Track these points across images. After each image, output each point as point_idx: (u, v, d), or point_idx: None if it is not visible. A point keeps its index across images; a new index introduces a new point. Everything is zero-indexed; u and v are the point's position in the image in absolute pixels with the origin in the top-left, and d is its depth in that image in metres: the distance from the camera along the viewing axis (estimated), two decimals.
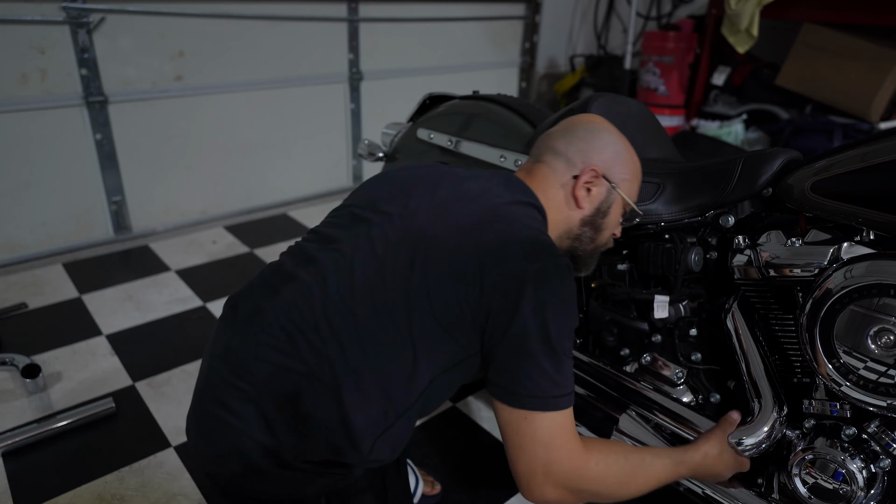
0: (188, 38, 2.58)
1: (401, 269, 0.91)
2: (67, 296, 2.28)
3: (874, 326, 0.93)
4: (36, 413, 1.67)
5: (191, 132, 2.73)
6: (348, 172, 3.42)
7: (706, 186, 1.17)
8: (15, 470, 1.48)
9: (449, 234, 0.93)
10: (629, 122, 1.40)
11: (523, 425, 0.89)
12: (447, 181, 1.04)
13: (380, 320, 0.90)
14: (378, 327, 0.90)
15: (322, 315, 0.90)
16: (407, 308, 0.90)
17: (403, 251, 0.93)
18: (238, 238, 2.84)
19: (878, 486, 0.98)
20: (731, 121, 3.28)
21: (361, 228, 0.98)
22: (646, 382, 1.27)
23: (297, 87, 3.01)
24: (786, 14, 3.03)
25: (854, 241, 1.00)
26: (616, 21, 4.14)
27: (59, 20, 2.24)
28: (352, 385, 0.88)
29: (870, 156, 0.96)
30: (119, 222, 2.65)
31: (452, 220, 0.95)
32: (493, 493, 1.45)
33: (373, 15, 3.12)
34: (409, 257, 0.92)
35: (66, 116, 2.38)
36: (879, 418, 0.99)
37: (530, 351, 0.87)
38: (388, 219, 0.98)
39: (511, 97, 1.69)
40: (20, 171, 2.33)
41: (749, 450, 1.09)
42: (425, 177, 1.06)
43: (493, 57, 3.82)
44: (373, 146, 1.90)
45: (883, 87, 2.80)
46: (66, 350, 1.96)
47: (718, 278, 1.22)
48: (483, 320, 0.89)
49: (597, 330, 1.40)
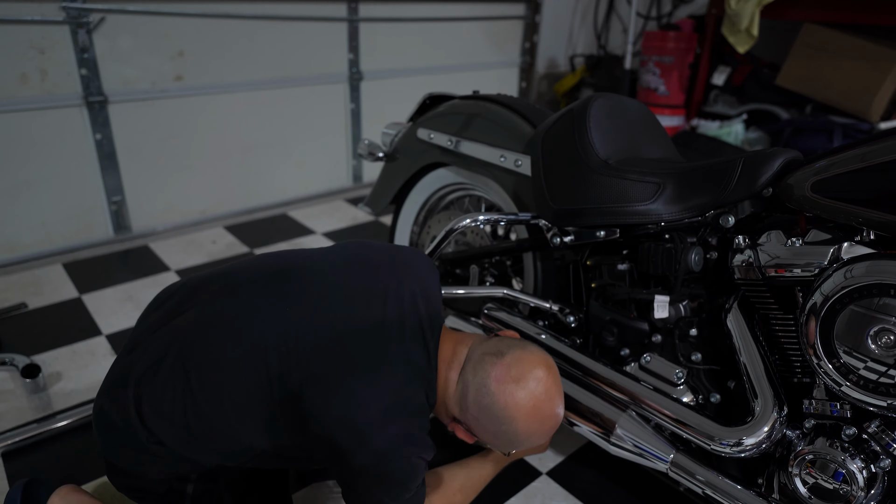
0: (188, 38, 2.58)
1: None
2: (67, 296, 2.28)
3: (874, 326, 0.93)
4: (36, 413, 1.67)
5: (191, 132, 2.73)
6: (348, 172, 3.42)
7: (706, 186, 1.17)
8: (15, 470, 1.48)
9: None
10: (629, 122, 1.41)
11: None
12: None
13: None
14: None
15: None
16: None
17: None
18: (238, 238, 2.84)
19: (879, 486, 0.98)
20: (731, 121, 3.28)
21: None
22: (646, 382, 1.27)
23: (297, 87, 3.01)
24: (786, 14, 3.03)
25: (854, 241, 1.00)
26: (616, 21, 4.14)
27: (59, 20, 2.24)
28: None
29: (870, 156, 0.96)
30: (119, 222, 2.65)
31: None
32: (493, 494, 1.45)
33: (373, 15, 3.12)
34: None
35: (65, 116, 2.38)
36: (880, 418, 0.99)
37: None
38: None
39: (511, 97, 1.69)
40: (20, 170, 2.33)
41: (749, 450, 1.09)
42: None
43: (493, 57, 3.82)
44: (373, 146, 1.90)
45: (883, 87, 2.80)
46: (66, 350, 1.96)
47: (718, 278, 1.22)
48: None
49: (597, 330, 1.40)
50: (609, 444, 1.27)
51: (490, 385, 1.02)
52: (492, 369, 1.02)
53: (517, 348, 1.05)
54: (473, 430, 1.07)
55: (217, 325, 1.03)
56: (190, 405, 1.00)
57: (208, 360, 1.01)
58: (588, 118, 1.33)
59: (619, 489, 1.48)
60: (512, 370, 1.02)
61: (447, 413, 1.11)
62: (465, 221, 1.45)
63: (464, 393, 1.05)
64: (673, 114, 3.51)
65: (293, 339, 1.00)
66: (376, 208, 1.97)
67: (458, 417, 1.09)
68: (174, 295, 1.14)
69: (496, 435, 1.05)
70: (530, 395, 1.01)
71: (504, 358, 1.03)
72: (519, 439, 1.04)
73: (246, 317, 1.03)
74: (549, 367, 1.05)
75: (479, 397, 1.02)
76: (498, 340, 1.09)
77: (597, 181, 1.28)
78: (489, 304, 1.57)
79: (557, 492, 1.46)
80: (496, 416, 1.02)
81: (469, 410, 1.05)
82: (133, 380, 1.03)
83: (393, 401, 0.99)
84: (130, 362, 1.06)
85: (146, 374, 1.03)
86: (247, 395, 0.99)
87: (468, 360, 1.07)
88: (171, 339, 1.05)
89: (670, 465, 1.20)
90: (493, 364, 1.03)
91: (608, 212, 1.27)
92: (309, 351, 0.99)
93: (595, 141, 1.31)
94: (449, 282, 1.81)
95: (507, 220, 1.44)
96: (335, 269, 1.11)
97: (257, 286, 1.08)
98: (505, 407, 1.01)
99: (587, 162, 1.30)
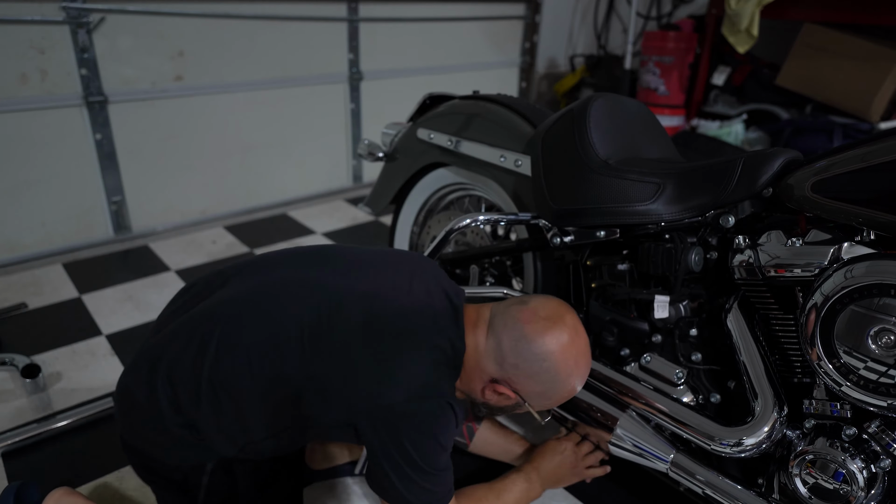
0: (188, 38, 2.58)
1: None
2: (67, 296, 2.28)
3: (874, 326, 0.93)
4: (36, 413, 1.67)
5: (191, 132, 2.73)
6: (348, 172, 3.42)
7: (706, 186, 1.17)
8: (15, 470, 1.48)
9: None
10: (629, 122, 1.41)
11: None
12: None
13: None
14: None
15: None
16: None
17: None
18: (238, 238, 2.84)
19: (879, 486, 0.98)
20: (731, 121, 3.28)
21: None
22: (646, 382, 1.27)
23: (297, 87, 3.01)
24: (786, 14, 3.03)
25: (854, 241, 1.00)
26: (616, 21, 4.14)
27: (59, 20, 2.24)
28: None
29: (870, 156, 0.96)
30: (119, 222, 2.65)
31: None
32: None
33: (373, 15, 3.12)
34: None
35: (66, 116, 2.38)
36: (880, 418, 0.99)
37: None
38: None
39: (511, 97, 1.69)
40: (20, 170, 2.33)
41: (749, 450, 1.09)
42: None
43: (493, 57, 3.82)
44: (373, 146, 1.90)
45: (883, 87, 2.80)
46: (66, 350, 1.96)
47: (718, 278, 1.22)
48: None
49: (597, 330, 1.40)
50: (609, 444, 1.27)
51: (523, 328, 1.05)
52: (520, 314, 1.07)
53: (539, 297, 1.12)
54: (513, 381, 1.07)
55: (250, 309, 1.06)
56: (221, 383, 1.02)
57: (240, 342, 1.03)
58: (588, 118, 1.33)
59: (619, 489, 1.48)
60: (540, 311, 1.06)
61: (481, 377, 1.09)
62: (465, 221, 1.45)
63: (497, 345, 1.06)
64: (673, 114, 3.51)
65: (326, 319, 1.03)
66: (376, 208, 1.97)
67: (495, 376, 1.08)
68: (208, 281, 1.18)
69: (537, 376, 1.05)
70: (563, 329, 1.05)
71: (529, 304, 1.09)
72: (560, 376, 1.06)
73: (281, 296, 1.07)
74: (572, 310, 1.10)
75: (515, 342, 1.05)
76: (516, 297, 1.14)
77: (597, 181, 1.28)
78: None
79: (557, 492, 1.46)
80: (534, 354, 1.04)
81: (506, 359, 1.06)
82: (162, 360, 1.05)
83: (421, 384, 1.00)
84: (157, 344, 1.08)
85: (176, 355, 1.04)
86: (278, 371, 1.01)
87: (493, 316, 1.10)
88: (201, 321, 1.07)
89: (670, 465, 1.20)
90: (520, 311, 1.07)
91: (608, 212, 1.27)
92: (340, 332, 1.02)
93: (595, 141, 1.31)
94: None
95: (507, 220, 1.44)
96: (362, 259, 1.16)
97: (293, 270, 1.12)
98: (543, 343, 1.04)
99: (587, 162, 1.30)
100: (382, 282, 1.09)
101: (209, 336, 1.03)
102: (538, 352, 1.04)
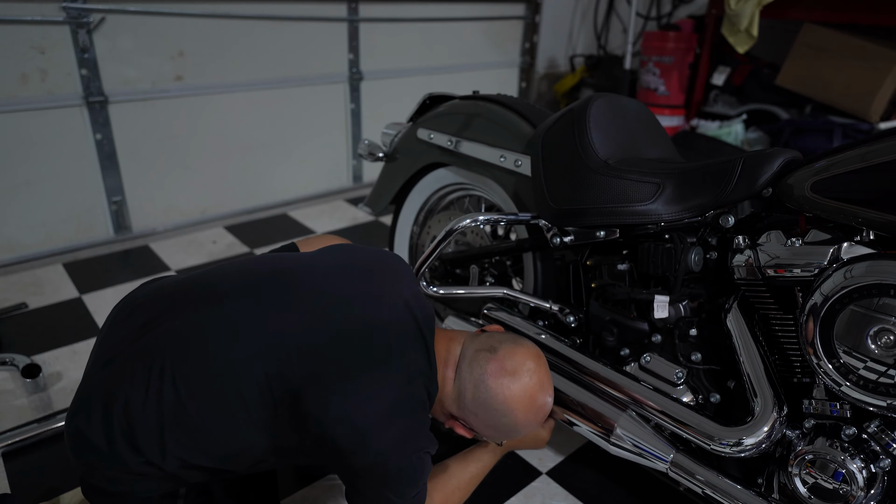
0: (188, 38, 2.58)
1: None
2: (67, 296, 2.28)
3: (874, 326, 0.93)
4: (36, 413, 1.67)
5: (191, 132, 2.73)
6: (348, 172, 3.42)
7: (706, 186, 1.17)
8: (15, 470, 1.48)
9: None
10: (629, 122, 1.41)
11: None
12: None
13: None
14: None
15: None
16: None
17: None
18: (238, 238, 2.84)
19: (878, 486, 0.99)
20: (730, 121, 3.28)
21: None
22: (646, 382, 1.27)
23: (297, 87, 3.01)
24: (786, 14, 3.03)
25: (854, 241, 1.00)
26: (616, 21, 4.14)
27: (59, 20, 2.24)
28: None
29: (870, 156, 0.96)
30: (119, 222, 2.65)
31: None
32: (493, 493, 1.45)
33: (373, 15, 3.12)
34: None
35: (66, 116, 2.38)
36: (879, 418, 0.99)
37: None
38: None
39: (511, 97, 1.69)
40: (20, 170, 2.33)
41: (749, 450, 1.09)
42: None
43: (493, 57, 3.82)
44: (373, 146, 1.90)
45: (883, 87, 2.80)
46: (66, 350, 1.96)
47: (718, 278, 1.22)
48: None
49: (597, 330, 1.40)
50: (609, 444, 1.27)
51: (487, 381, 1.06)
52: (487, 365, 1.07)
53: (508, 342, 1.11)
54: (472, 424, 1.11)
55: (207, 335, 0.99)
56: (183, 418, 0.95)
57: (200, 371, 0.96)
58: (588, 118, 1.33)
59: (619, 489, 1.48)
60: (506, 364, 1.07)
61: (444, 411, 1.13)
62: (465, 221, 1.45)
63: (461, 390, 1.08)
64: (673, 114, 3.52)
65: (292, 342, 0.98)
66: (376, 208, 1.97)
67: (455, 414, 1.11)
68: (145, 304, 1.07)
69: (495, 427, 1.09)
70: (525, 387, 1.06)
71: (497, 353, 1.08)
72: (517, 429, 1.10)
73: (239, 324, 1.00)
74: (539, 358, 1.11)
75: (478, 393, 1.07)
76: (488, 336, 1.13)
77: (597, 181, 1.28)
78: (489, 304, 1.57)
79: (557, 491, 1.47)
80: (495, 409, 1.06)
81: (468, 406, 1.08)
82: (116, 399, 0.95)
83: (394, 399, 0.99)
84: (107, 380, 0.98)
85: (131, 393, 0.95)
86: (245, 401, 0.96)
87: (462, 357, 1.10)
88: (154, 353, 0.98)
89: (670, 465, 1.20)
90: (487, 360, 1.08)
91: (608, 212, 1.27)
92: (308, 353, 0.98)
93: (595, 141, 1.31)
94: (449, 282, 1.81)
95: (507, 220, 1.44)
96: (330, 273, 1.09)
97: (249, 292, 1.04)
98: (503, 400, 1.06)
99: (587, 162, 1.30)
100: (348, 314, 1.02)
101: (167, 375, 0.96)
102: (499, 408, 1.06)
